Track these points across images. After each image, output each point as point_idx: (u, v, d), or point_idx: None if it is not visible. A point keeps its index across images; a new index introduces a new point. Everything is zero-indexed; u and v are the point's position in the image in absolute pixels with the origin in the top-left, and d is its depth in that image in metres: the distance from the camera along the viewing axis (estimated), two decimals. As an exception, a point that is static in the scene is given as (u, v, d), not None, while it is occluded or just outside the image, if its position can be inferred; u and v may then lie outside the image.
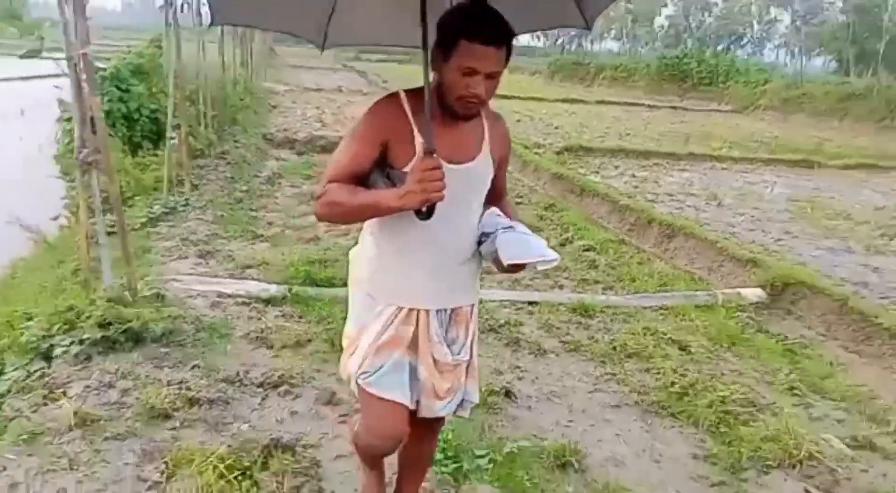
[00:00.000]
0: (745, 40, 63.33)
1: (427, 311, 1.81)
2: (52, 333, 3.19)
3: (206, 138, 7.87)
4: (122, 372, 2.99)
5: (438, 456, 2.61)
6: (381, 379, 1.79)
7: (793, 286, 4.77)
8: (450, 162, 1.68)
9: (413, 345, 1.82)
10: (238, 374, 3.18)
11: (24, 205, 6.10)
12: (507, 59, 1.63)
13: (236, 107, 10.25)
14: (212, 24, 1.86)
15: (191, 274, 4.45)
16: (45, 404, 2.75)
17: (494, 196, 1.91)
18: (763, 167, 11.13)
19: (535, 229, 2.34)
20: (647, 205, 7.25)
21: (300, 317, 4.00)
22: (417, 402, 1.87)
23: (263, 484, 2.36)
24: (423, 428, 1.99)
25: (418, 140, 1.67)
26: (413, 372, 1.83)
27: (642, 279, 5.07)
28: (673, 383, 3.43)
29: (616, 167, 10.01)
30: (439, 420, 2.02)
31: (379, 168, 1.71)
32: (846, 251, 6.26)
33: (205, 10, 8.83)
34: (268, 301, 4.17)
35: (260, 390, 3.11)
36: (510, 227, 1.76)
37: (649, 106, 23.40)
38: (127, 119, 7.33)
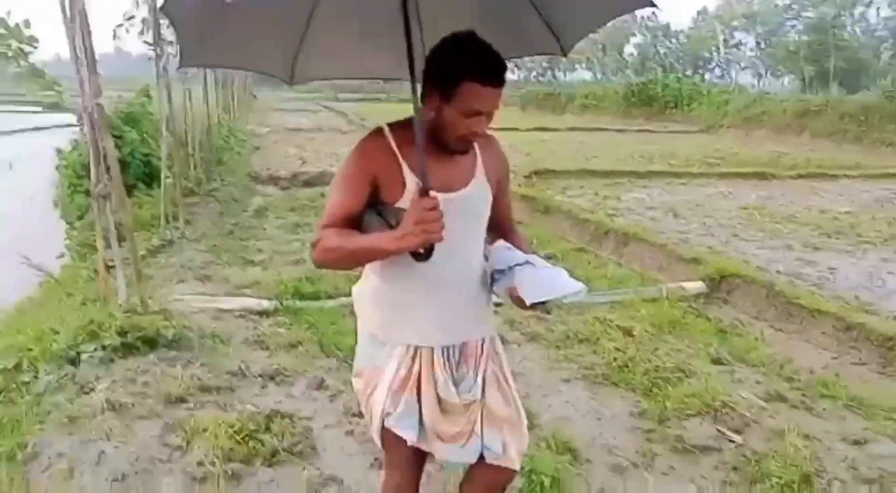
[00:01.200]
0: (712, 64, 65.44)
1: (431, 349, 1.76)
2: (77, 342, 3.70)
3: (196, 178, 8.45)
4: (141, 370, 3.51)
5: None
6: (400, 420, 1.76)
7: (729, 278, 5.38)
8: (444, 191, 1.64)
9: (416, 385, 1.76)
10: (240, 369, 3.70)
11: (25, 248, 6.60)
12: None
13: (222, 148, 10.85)
14: (180, 66, 1.82)
15: (192, 295, 4.98)
16: (79, 397, 3.25)
17: (502, 225, 1.87)
18: (719, 181, 11.84)
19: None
20: (607, 218, 7.88)
21: (291, 325, 4.52)
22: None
23: (266, 443, 2.88)
24: (479, 489, 1.91)
25: (407, 174, 1.64)
26: (420, 413, 1.78)
27: (598, 280, 5.65)
28: (615, 359, 3.99)
29: (581, 187, 10.67)
30: (498, 487, 1.90)
31: (370, 206, 1.68)
32: (786, 249, 6.89)
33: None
34: (262, 313, 4.70)
35: (260, 380, 3.63)
36: (527, 262, 1.68)
37: (617, 130, 24.31)
38: (121, 163, 7.86)
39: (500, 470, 1.82)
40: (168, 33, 7.82)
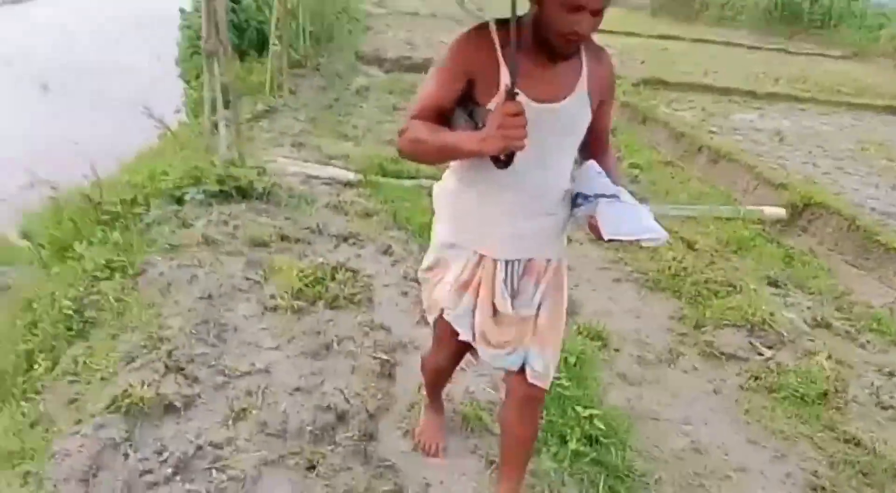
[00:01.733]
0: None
1: (495, 260, 1.76)
2: (182, 185, 4.20)
3: (305, 51, 8.76)
4: (233, 214, 3.98)
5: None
6: (459, 318, 1.84)
7: (812, 207, 5.24)
8: (539, 101, 1.59)
9: (476, 289, 1.80)
10: (318, 226, 4.10)
11: (150, 101, 7.22)
12: None
13: (333, 25, 11.06)
14: None
15: (285, 158, 5.40)
16: (180, 230, 3.76)
17: (595, 144, 1.80)
18: (846, 111, 11.01)
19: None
20: (706, 135, 7.63)
21: (370, 196, 4.88)
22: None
23: (331, 289, 3.27)
24: (519, 408, 1.93)
25: (504, 75, 1.57)
26: (473, 316, 1.82)
27: (676, 194, 5.64)
28: (669, 268, 4.10)
29: (690, 101, 10.23)
30: (534, 400, 1.92)
31: (462, 104, 1.63)
32: (890, 188, 6.51)
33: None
34: (346, 184, 5.07)
35: (334, 239, 4.02)
36: (614, 196, 1.62)
37: (750, 47, 22.43)
38: (237, 28, 8.28)
39: (535, 388, 1.85)
40: None
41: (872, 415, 2.92)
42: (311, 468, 2.17)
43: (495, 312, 1.79)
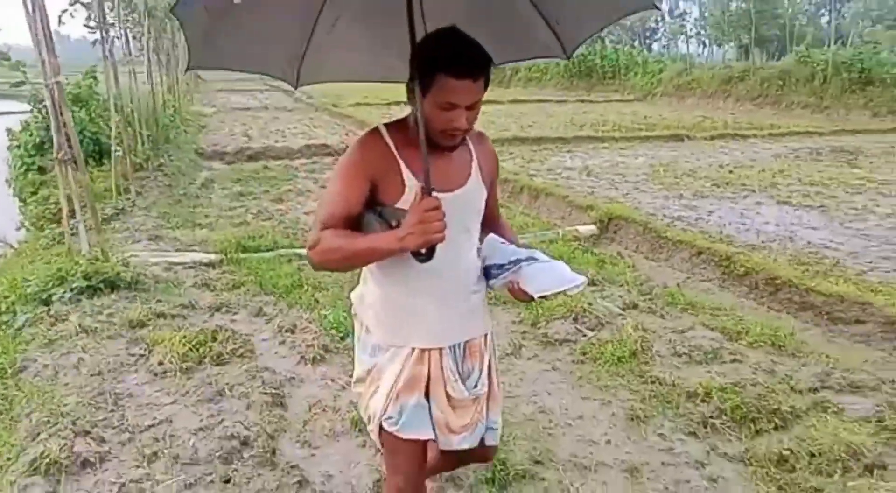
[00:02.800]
0: (658, 34, 66.78)
1: (440, 349, 1.78)
2: (48, 287, 4.36)
3: (144, 154, 8.98)
4: (105, 304, 4.21)
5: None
6: (405, 423, 1.78)
7: (616, 220, 6.30)
8: (442, 191, 1.64)
9: (427, 383, 1.79)
10: (190, 303, 4.42)
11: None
12: (486, 86, 1.61)
13: (168, 127, 11.31)
14: (188, 68, 1.79)
15: (146, 251, 5.64)
16: (54, 326, 3.94)
17: (490, 219, 1.89)
18: (640, 144, 12.83)
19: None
20: (526, 178, 8.73)
21: (233, 272, 5.24)
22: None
23: (214, 349, 3.63)
24: (472, 461, 2.10)
25: (406, 174, 1.65)
26: (422, 409, 1.80)
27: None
28: (507, 284, 4.82)
29: (511, 153, 11.48)
30: (488, 459, 2.13)
31: (369, 207, 1.68)
32: (677, 198, 7.85)
33: (134, 44, 9.96)
34: (209, 264, 5.40)
35: (208, 311, 4.36)
36: (531, 258, 1.73)
37: (558, 101, 25.19)
38: (71, 142, 8.35)
39: (490, 449, 1.98)
40: (110, 17, 8.32)
41: (671, 362, 3.72)
42: (227, 481, 2.53)
43: (449, 399, 1.80)
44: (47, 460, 2.51)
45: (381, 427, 1.80)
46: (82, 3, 7.74)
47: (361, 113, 17.17)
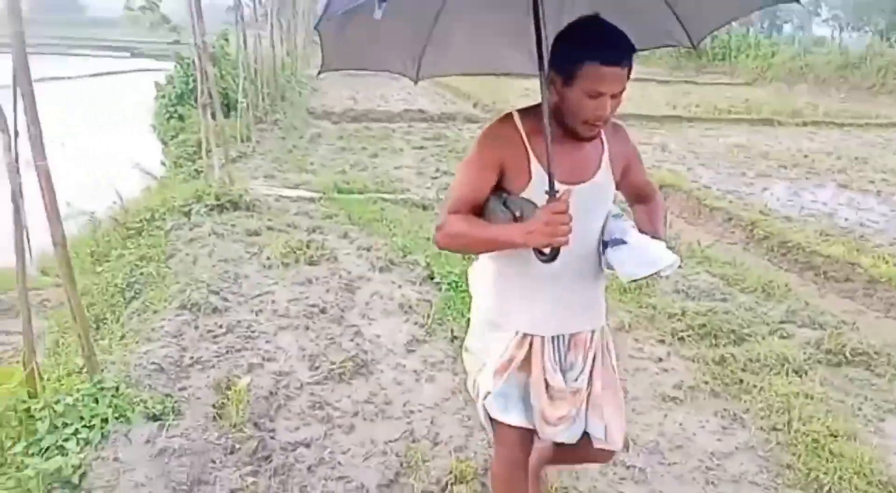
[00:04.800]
0: (790, 16, 63.09)
1: (542, 337, 1.79)
2: (188, 203, 5.63)
3: (264, 109, 10.35)
4: (230, 218, 5.43)
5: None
6: (502, 402, 1.82)
7: (665, 187, 6.93)
8: (569, 182, 1.64)
9: (527, 368, 1.81)
10: (293, 223, 5.57)
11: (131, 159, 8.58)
12: (629, 75, 1.59)
13: (285, 87, 12.73)
14: (320, 72, 1.85)
15: (262, 186, 6.89)
16: (193, 229, 5.19)
17: (640, 198, 1.90)
18: (727, 126, 13.05)
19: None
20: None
21: (328, 206, 6.37)
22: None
23: (307, 253, 4.73)
24: (582, 462, 2.16)
25: (534, 164, 1.65)
26: (527, 395, 1.83)
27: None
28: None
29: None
30: (599, 461, 2.13)
31: (495, 194, 1.70)
32: (739, 175, 8.32)
33: (260, 10, 11.31)
34: (310, 199, 6.56)
35: (306, 230, 5.46)
36: (619, 240, 1.70)
37: (661, 81, 24.98)
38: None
39: (601, 451, 1.94)
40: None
41: (669, 296, 4.46)
42: (307, 328, 3.61)
43: (547, 388, 1.81)
44: (190, 303, 3.68)
45: (485, 407, 1.87)
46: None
47: (461, 83, 18.06)
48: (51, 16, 53.52)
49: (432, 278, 4.48)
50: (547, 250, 1.62)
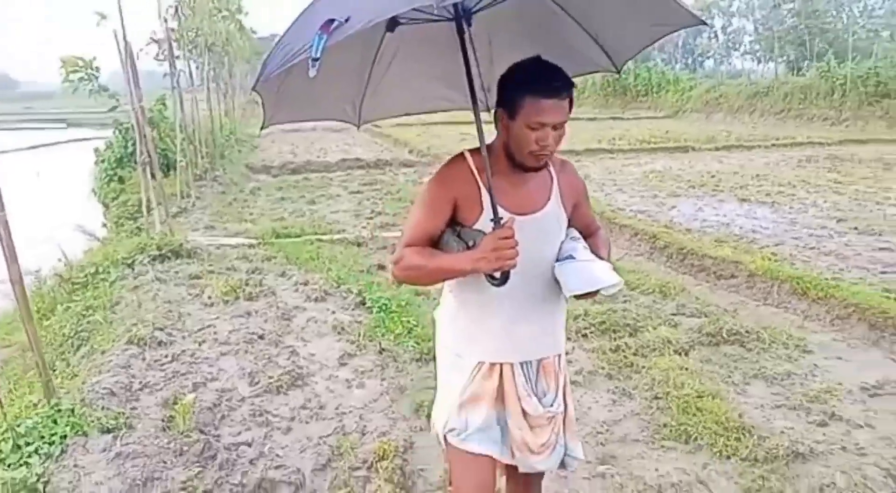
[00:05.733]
0: (710, 51, 66.58)
1: (511, 364, 1.83)
2: (132, 254, 5.95)
3: (203, 167, 10.72)
4: (172, 266, 5.77)
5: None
6: (469, 436, 1.82)
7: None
8: (519, 213, 1.72)
9: (501, 399, 1.83)
10: (232, 266, 5.93)
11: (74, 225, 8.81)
12: (570, 108, 1.69)
13: (224, 145, 13.14)
14: (262, 127, 1.94)
15: (202, 237, 7.23)
16: (137, 278, 5.50)
17: (586, 231, 1.94)
18: (646, 155, 13.99)
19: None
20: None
21: (267, 250, 6.75)
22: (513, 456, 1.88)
23: (246, 290, 5.10)
24: (521, 485, 2.02)
25: (485, 198, 1.72)
26: (505, 427, 1.84)
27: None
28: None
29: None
30: (537, 475, 2.01)
31: (450, 227, 1.77)
32: (652, 197, 9.05)
33: (196, 74, 11.76)
34: (249, 246, 6.93)
35: (245, 272, 5.83)
36: (569, 256, 1.77)
37: (589, 119, 26.25)
38: (145, 157, 10.16)
39: (540, 474, 2.00)
40: (177, 51, 10.10)
41: (576, 301, 4.98)
42: (247, 352, 3.97)
43: (525, 416, 1.84)
44: (137, 338, 4.01)
45: (446, 439, 1.87)
46: (154, 40, 9.52)
47: (400, 132, 18.75)
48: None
49: (364, 304, 4.90)
50: (498, 275, 1.69)
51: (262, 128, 2.03)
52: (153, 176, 6.56)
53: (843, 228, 6.90)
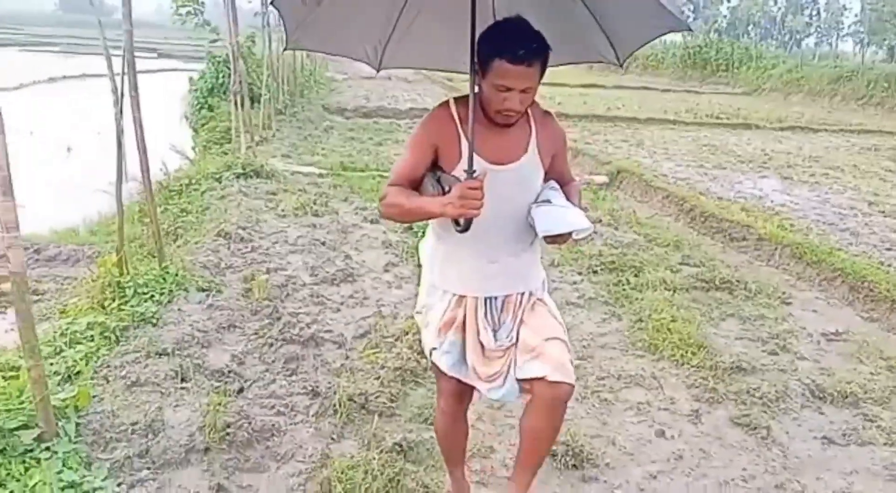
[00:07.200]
0: (809, 31, 63.05)
1: (475, 298, 1.99)
2: (220, 171, 6.91)
3: (283, 103, 11.65)
4: (253, 183, 6.70)
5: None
6: (442, 356, 2.04)
7: (622, 173, 8.11)
8: (495, 163, 1.84)
9: (462, 328, 2.01)
10: (304, 188, 6.82)
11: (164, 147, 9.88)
12: (543, 73, 1.74)
13: (303, 85, 14.06)
14: (284, 49, 2.00)
15: (279, 163, 8.16)
16: (223, 190, 6.45)
17: (559, 182, 2.02)
18: (707, 129, 14.14)
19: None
20: (571, 143, 10.57)
21: (334, 179, 7.62)
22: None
23: (313, 208, 5.97)
24: (547, 410, 1.93)
25: (464, 145, 1.82)
26: (463, 353, 2.03)
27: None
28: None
29: (580, 127, 13.25)
30: (560, 400, 1.91)
31: (431, 170, 1.91)
32: (698, 167, 9.45)
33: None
34: (319, 175, 7.82)
35: (314, 194, 6.71)
36: (546, 201, 1.88)
37: (662, 90, 26.05)
38: (233, 89, 11.14)
39: (559, 386, 1.87)
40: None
41: (598, 247, 5.63)
42: (310, 252, 4.84)
43: (482, 347, 2.00)
44: (224, 232, 4.93)
45: (431, 355, 2.08)
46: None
47: (464, 87, 19.24)
48: (78, 17, 55.50)
49: (411, 229, 5.69)
50: (462, 222, 1.82)
51: (284, 50, 2.23)
52: (241, 106, 7.48)
53: (870, 210, 7.24)
